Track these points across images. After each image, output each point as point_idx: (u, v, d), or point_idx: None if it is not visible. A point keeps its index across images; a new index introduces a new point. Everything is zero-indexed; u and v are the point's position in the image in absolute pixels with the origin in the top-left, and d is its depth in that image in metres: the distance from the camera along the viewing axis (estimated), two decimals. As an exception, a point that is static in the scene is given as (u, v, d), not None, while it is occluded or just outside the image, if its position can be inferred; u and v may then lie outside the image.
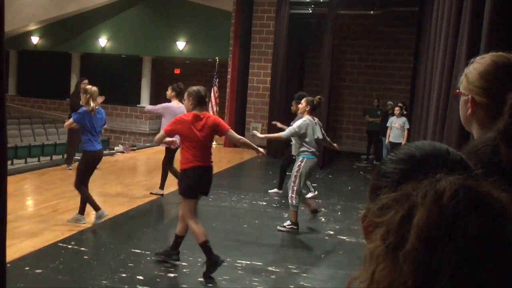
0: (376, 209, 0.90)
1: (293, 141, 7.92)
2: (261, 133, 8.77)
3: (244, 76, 17.63)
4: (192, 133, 5.69)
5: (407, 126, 13.04)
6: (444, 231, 0.79)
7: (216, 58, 18.36)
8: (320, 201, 9.81)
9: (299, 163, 7.67)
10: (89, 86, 7.55)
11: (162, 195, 9.29)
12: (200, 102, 5.88)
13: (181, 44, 21.54)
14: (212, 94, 17.71)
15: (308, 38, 18.66)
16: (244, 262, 6.22)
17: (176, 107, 8.96)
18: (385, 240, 0.84)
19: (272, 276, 5.88)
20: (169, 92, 9.50)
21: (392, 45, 17.72)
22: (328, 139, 8.64)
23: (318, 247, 7.05)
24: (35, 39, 23.81)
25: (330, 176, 13.01)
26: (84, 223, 7.27)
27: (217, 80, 18.04)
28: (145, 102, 22.08)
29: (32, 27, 23.61)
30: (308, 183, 9.75)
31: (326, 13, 15.38)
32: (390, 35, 17.71)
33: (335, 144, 8.85)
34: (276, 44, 16.14)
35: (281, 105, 15.30)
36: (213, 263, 5.63)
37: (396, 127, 13.19)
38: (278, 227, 7.70)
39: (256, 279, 5.72)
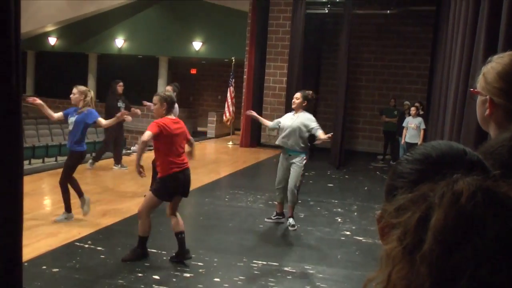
0: (392, 210, 0.89)
1: (297, 137, 7.65)
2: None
3: (260, 76, 17.63)
4: (174, 137, 5.93)
5: (423, 126, 12.89)
6: (461, 233, 0.78)
7: (232, 58, 18.38)
8: (336, 201, 9.77)
9: (305, 161, 7.67)
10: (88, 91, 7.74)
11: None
12: (172, 107, 6.09)
13: (197, 45, 21.59)
14: (228, 94, 17.75)
15: (324, 37, 18.61)
16: (260, 262, 6.21)
17: (176, 106, 9.10)
18: (402, 242, 0.83)
19: (288, 277, 5.86)
20: (169, 89, 9.72)
21: (409, 45, 17.62)
22: None
23: (335, 248, 7.02)
24: (52, 40, 24.01)
25: (346, 176, 12.97)
26: (73, 219, 7.46)
27: (233, 80, 18.06)
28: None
29: (49, 28, 23.80)
30: None
31: (342, 12, 15.34)
32: (406, 34, 17.61)
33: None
34: (292, 44, 16.11)
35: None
36: (140, 254, 6.01)
37: (412, 127, 13.02)
38: (292, 229, 7.73)
39: (272, 280, 5.70)
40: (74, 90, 7.62)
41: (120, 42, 22.84)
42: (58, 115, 7.65)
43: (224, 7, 20.84)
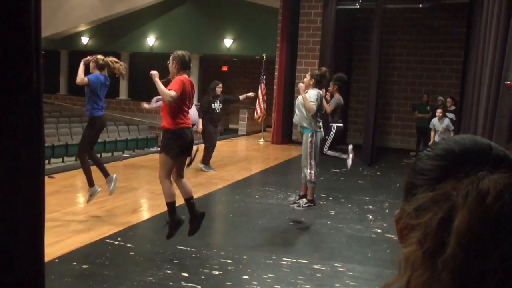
0: (412, 210, 0.83)
1: (301, 113, 7.68)
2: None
3: (291, 72, 17.55)
4: (189, 94, 6.10)
5: (451, 127, 12.22)
6: (488, 237, 0.71)
7: (263, 55, 18.34)
8: (367, 198, 9.68)
9: (310, 138, 7.61)
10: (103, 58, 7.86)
11: None
12: (183, 67, 6.17)
13: (228, 42, 21.62)
14: (259, 91, 17.73)
15: (356, 33, 18.44)
16: (289, 260, 6.17)
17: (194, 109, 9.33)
18: (422, 245, 0.77)
19: (318, 275, 5.80)
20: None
21: (442, 39, 17.35)
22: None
23: (365, 245, 6.94)
24: (85, 40, 24.30)
25: (378, 173, 12.84)
26: (100, 190, 7.56)
27: (265, 77, 18.04)
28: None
29: (82, 28, 24.10)
30: (337, 153, 9.82)
31: (374, 7, 15.16)
32: (439, 28, 17.36)
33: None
34: (323, 40, 16.00)
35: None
36: (176, 222, 6.08)
37: (440, 131, 12.23)
38: (295, 207, 7.68)
39: (302, 277, 5.66)
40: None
41: (151, 40, 23.00)
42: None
43: (254, 3, 20.82)
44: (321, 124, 7.83)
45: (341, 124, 10.09)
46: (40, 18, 2.49)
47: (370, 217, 8.40)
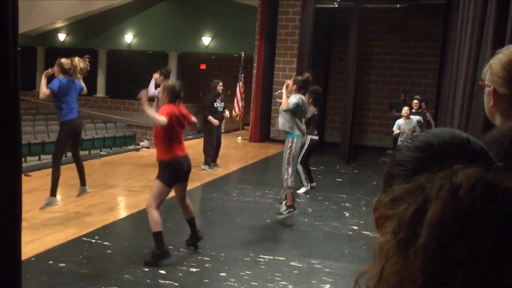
0: (387, 201, 0.85)
1: (283, 118, 7.74)
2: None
3: (269, 71, 17.57)
4: (178, 123, 5.98)
5: (418, 130, 10.80)
6: (458, 229, 0.73)
7: (242, 53, 18.34)
8: (344, 196, 9.74)
9: (290, 144, 7.63)
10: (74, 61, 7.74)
11: None
12: (174, 98, 6.01)
13: (206, 40, 21.58)
14: (237, 89, 17.72)
15: (334, 32, 18.51)
16: (266, 257, 6.20)
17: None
18: (396, 235, 0.79)
19: (295, 271, 5.84)
20: (157, 76, 9.97)
21: (419, 39, 17.50)
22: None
23: (342, 242, 6.99)
24: (62, 36, 24.07)
25: (355, 171, 12.93)
26: (57, 204, 7.32)
27: (243, 75, 18.03)
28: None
29: (59, 24, 23.87)
30: (303, 176, 9.75)
31: (352, 6, 15.24)
32: (416, 28, 17.50)
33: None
34: (302, 38, 16.05)
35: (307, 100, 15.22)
36: (163, 253, 5.81)
37: (407, 133, 10.80)
38: (278, 217, 7.70)
39: (279, 274, 5.68)
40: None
41: (129, 37, 22.87)
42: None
43: (233, 2, 20.81)
44: (304, 129, 7.88)
45: (316, 137, 10.14)
46: (17, 14, 2.48)
47: (347, 214, 8.46)
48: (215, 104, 11.61)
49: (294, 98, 7.65)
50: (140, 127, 21.56)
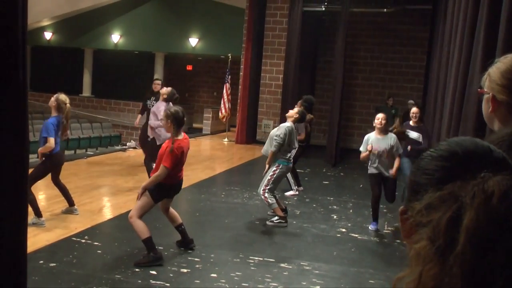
0: (422, 208, 0.87)
1: (268, 146, 7.89)
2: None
3: (256, 73, 17.61)
4: (184, 157, 6.01)
5: (400, 151, 7.86)
6: (494, 235, 0.77)
7: (229, 55, 18.37)
8: (332, 198, 9.80)
9: (275, 168, 7.75)
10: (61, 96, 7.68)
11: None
12: (179, 125, 5.92)
13: (193, 41, 21.56)
14: (224, 91, 17.75)
15: (321, 35, 18.60)
16: (256, 258, 6.23)
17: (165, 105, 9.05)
18: (434, 242, 0.82)
19: (285, 273, 5.88)
20: (164, 91, 9.37)
21: (405, 43, 17.63)
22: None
23: (331, 244, 7.04)
24: (48, 35, 23.92)
25: (341, 174, 13.00)
26: (44, 226, 7.01)
27: (230, 77, 18.07)
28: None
29: (45, 22, 23.72)
30: (292, 180, 9.81)
31: (339, 10, 15.34)
32: (403, 33, 17.63)
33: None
34: (289, 41, 16.13)
35: (293, 102, 15.21)
36: (157, 258, 5.82)
37: (379, 154, 7.80)
38: (268, 223, 7.76)
39: (269, 276, 5.72)
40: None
41: (116, 37, 22.79)
42: None
43: (221, 3, 20.82)
44: (289, 156, 7.93)
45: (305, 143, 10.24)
46: (26, 13, 2.49)
47: (335, 216, 8.52)
48: (147, 102, 11.35)
49: (282, 129, 7.77)
50: (125, 127, 21.49)
